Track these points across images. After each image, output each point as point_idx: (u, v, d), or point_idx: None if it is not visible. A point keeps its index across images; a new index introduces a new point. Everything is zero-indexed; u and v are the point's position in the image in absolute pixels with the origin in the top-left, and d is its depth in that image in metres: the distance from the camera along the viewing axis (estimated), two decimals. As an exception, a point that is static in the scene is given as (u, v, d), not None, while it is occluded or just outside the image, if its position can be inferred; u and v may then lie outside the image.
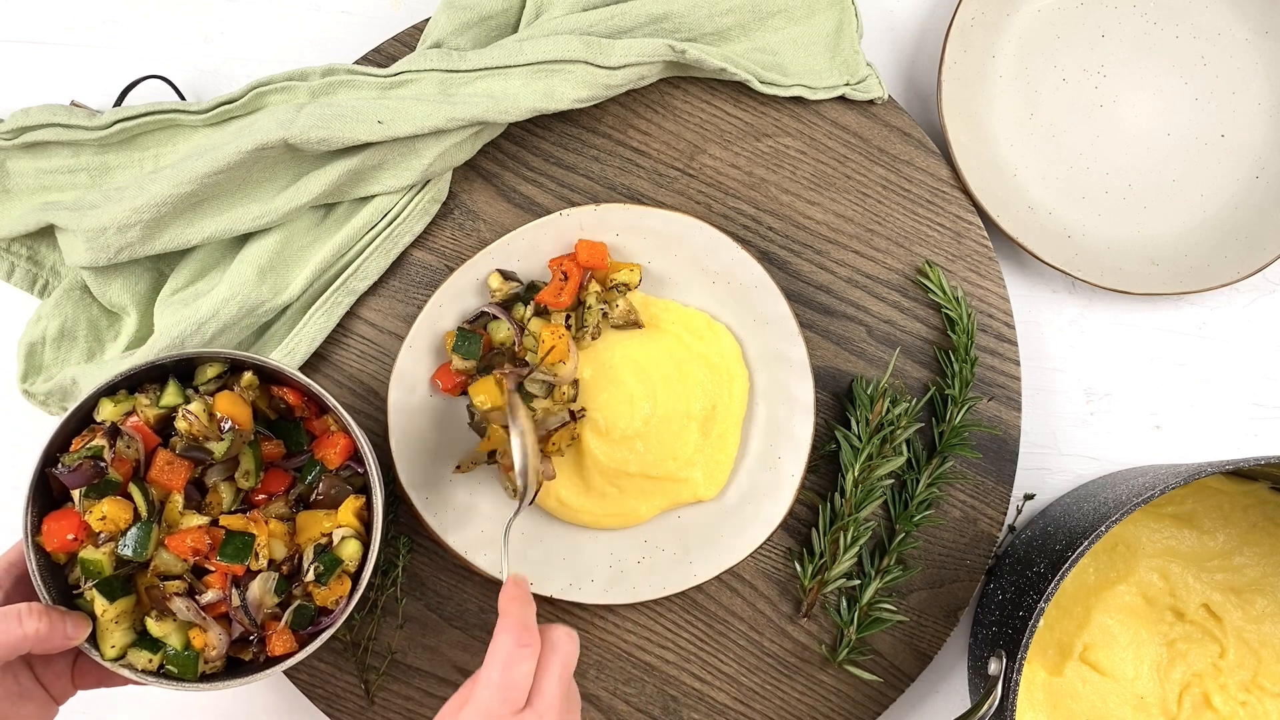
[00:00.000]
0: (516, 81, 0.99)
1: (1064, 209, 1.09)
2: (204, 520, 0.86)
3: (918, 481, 1.03)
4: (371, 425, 1.04)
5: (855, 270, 1.06)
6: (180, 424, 0.86)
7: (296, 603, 0.88)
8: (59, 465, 0.83)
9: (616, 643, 1.04)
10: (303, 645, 0.87)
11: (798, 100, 1.05)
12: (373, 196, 1.01)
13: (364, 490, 0.92)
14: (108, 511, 0.82)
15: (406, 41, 1.04)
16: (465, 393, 1.01)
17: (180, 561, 0.85)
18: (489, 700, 0.76)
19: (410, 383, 1.00)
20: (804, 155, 1.05)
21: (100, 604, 0.83)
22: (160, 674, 0.85)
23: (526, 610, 0.81)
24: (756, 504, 1.02)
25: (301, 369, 1.03)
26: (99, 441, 0.84)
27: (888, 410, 1.02)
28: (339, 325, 1.03)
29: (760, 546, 1.03)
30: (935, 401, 1.05)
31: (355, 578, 0.89)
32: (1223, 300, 1.11)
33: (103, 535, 0.83)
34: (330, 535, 0.89)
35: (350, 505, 0.90)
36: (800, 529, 1.05)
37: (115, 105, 1.04)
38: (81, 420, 0.86)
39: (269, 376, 0.92)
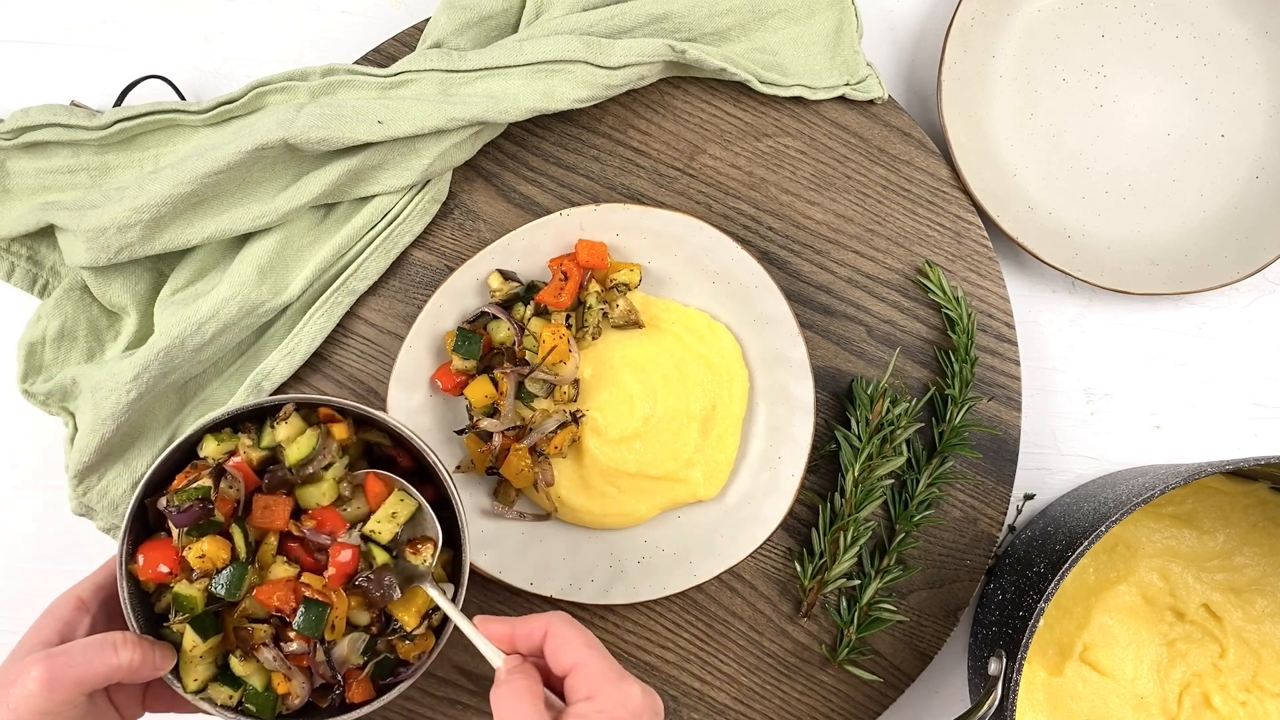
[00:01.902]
0: (516, 81, 0.99)
1: (1064, 209, 1.09)
2: (293, 572, 0.86)
3: (918, 481, 1.03)
4: (371, 425, 1.04)
5: (855, 270, 1.06)
6: (291, 452, 0.87)
7: (380, 656, 0.88)
8: (168, 503, 0.83)
9: (616, 643, 1.04)
10: (380, 693, 0.87)
11: (798, 100, 1.05)
12: (373, 196, 1.01)
13: (451, 542, 0.91)
14: (207, 550, 0.83)
15: (406, 41, 1.04)
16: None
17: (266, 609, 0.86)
18: None
19: (410, 383, 1.00)
20: (804, 155, 1.05)
21: (191, 639, 0.84)
22: (239, 710, 0.85)
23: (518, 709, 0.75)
24: (756, 504, 1.02)
25: (302, 369, 1.03)
26: (205, 482, 0.84)
27: (888, 410, 1.02)
28: (339, 325, 1.03)
29: (760, 546, 1.03)
30: (935, 401, 1.05)
31: (439, 631, 0.89)
32: (1223, 300, 1.11)
33: (198, 572, 0.84)
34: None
35: (440, 559, 0.90)
36: (800, 529, 1.05)
37: (115, 105, 1.04)
38: (184, 455, 0.86)
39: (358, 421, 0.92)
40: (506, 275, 1.01)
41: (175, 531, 0.84)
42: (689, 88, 1.05)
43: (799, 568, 1.04)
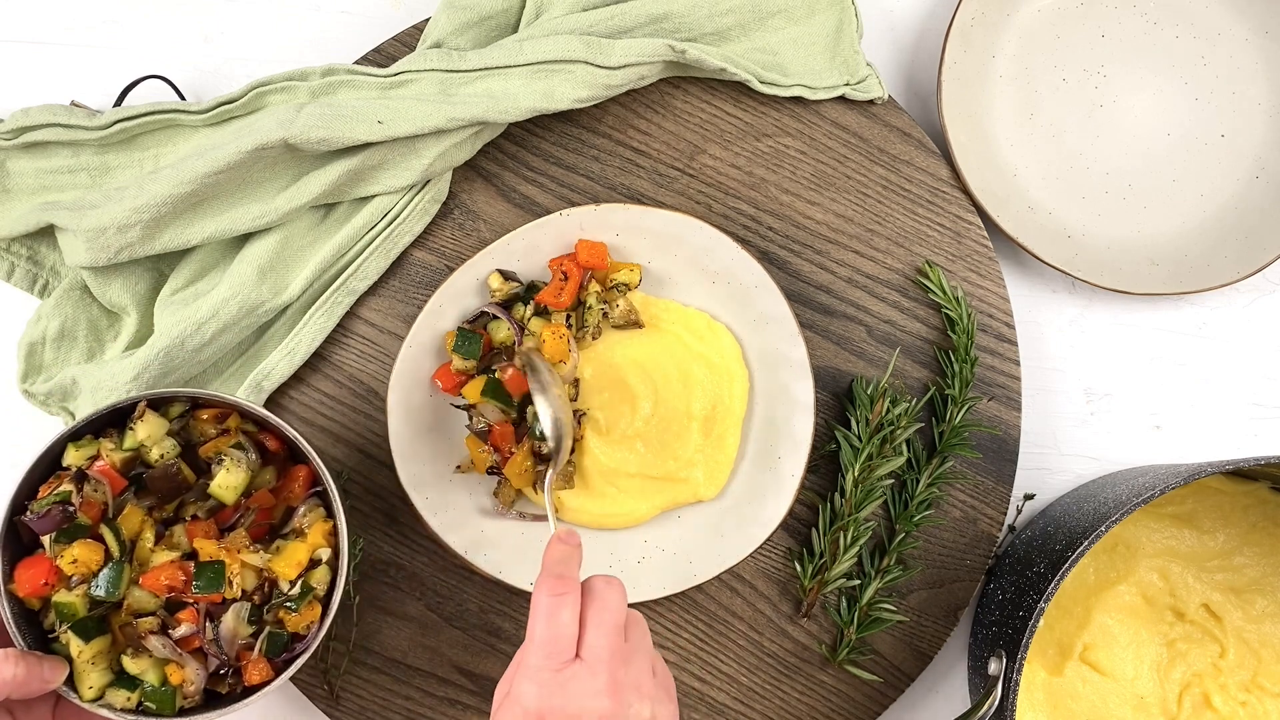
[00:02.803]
0: (516, 81, 0.99)
1: (1064, 209, 1.09)
2: (175, 555, 0.87)
3: (918, 481, 1.03)
4: (371, 425, 1.04)
5: (855, 270, 1.06)
6: (153, 454, 0.88)
7: (268, 629, 0.88)
8: (27, 513, 0.84)
9: (616, 643, 1.04)
10: (278, 673, 0.88)
11: (798, 100, 1.05)
12: (373, 196, 1.01)
13: (331, 515, 0.93)
14: (78, 555, 0.84)
15: (406, 41, 1.04)
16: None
17: (153, 598, 0.86)
18: (536, 656, 0.74)
19: (410, 383, 1.00)
20: (804, 155, 1.05)
21: (76, 645, 0.84)
22: (139, 711, 0.86)
23: (565, 562, 0.79)
24: (756, 504, 1.02)
25: (301, 369, 1.03)
26: (66, 487, 0.85)
27: (888, 410, 1.02)
28: (339, 325, 1.03)
29: (760, 546, 1.03)
30: (935, 401, 1.05)
31: (325, 603, 0.90)
32: (1223, 300, 1.11)
33: (75, 578, 0.84)
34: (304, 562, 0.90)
35: (320, 529, 0.91)
36: (800, 529, 1.05)
37: (115, 105, 1.04)
38: (48, 467, 0.87)
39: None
40: (506, 275, 1.01)
41: (46, 542, 0.84)
42: (689, 88, 1.05)
43: (799, 568, 1.04)
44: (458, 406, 1.03)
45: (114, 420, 0.90)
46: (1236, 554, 1.04)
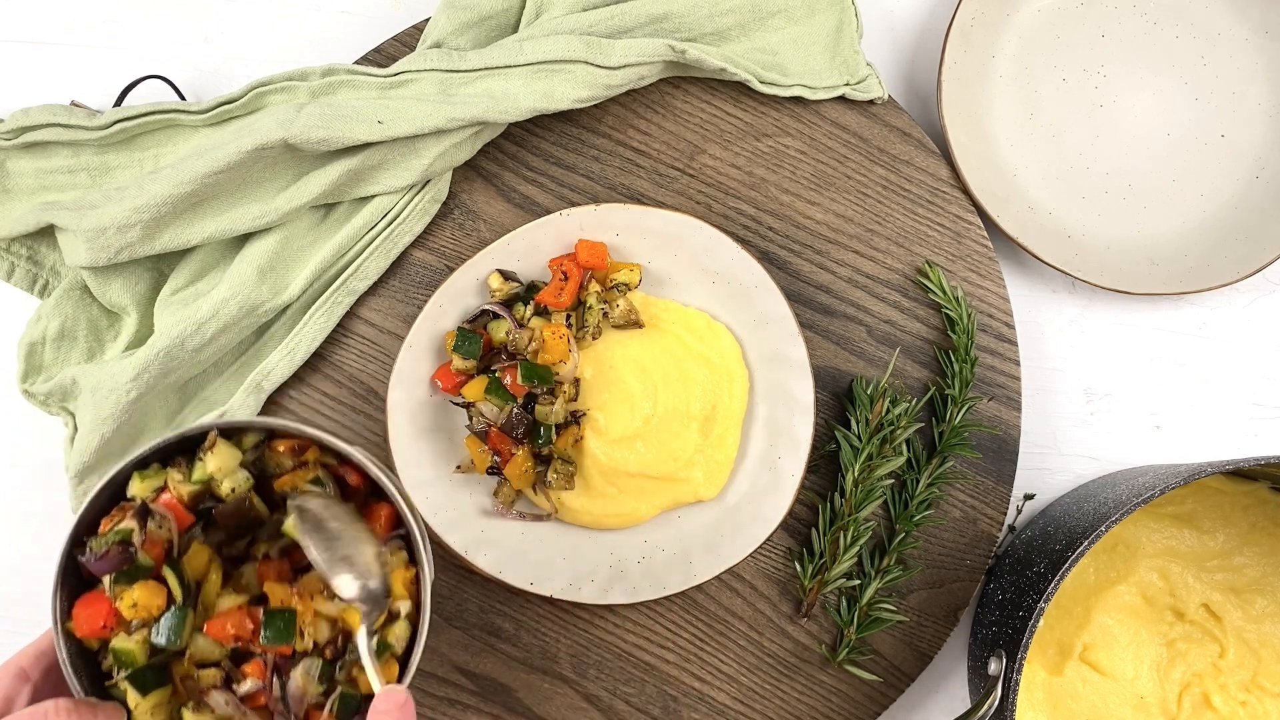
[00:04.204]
0: (516, 81, 0.99)
1: (1064, 209, 1.09)
2: (243, 599, 0.80)
3: (918, 481, 1.03)
4: (371, 425, 1.04)
5: (855, 270, 1.06)
6: (225, 487, 0.81)
7: (340, 690, 0.80)
8: (86, 550, 0.77)
9: (616, 643, 1.04)
10: None
11: (798, 100, 1.05)
12: (373, 196, 1.01)
13: (414, 562, 0.84)
14: (139, 598, 0.76)
15: (406, 41, 1.04)
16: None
17: (218, 647, 0.79)
18: None
19: (410, 383, 1.00)
20: (804, 155, 1.05)
21: (133, 697, 0.77)
22: None
23: None
24: (756, 504, 1.02)
25: (301, 369, 1.03)
26: (128, 524, 0.77)
27: (888, 410, 1.02)
28: (339, 325, 1.03)
29: (760, 546, 1.03)
30: (935, 401, 1.05)
31: (404, 661, 0.81)
32: (1223, 300, 1.11)
33: (135, 622, 0.77)
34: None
35: (400, 577, 0.82)
36: (800, 529, 1.05)
37: (115, 105, 1.04)
38: (112, 496, 0.79)
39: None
40: (506, 275, 1.01)
41: (105, 581, 0.77)
42: (689, 88, 1.05)
43: (799, 568, 1.04)
44: (458, 405, 1.03)
45: (183, 448, 0.82)
46: (1236, 554, 1.04)
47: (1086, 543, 0.87)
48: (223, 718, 0.79)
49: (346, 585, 0.79)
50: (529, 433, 0.99)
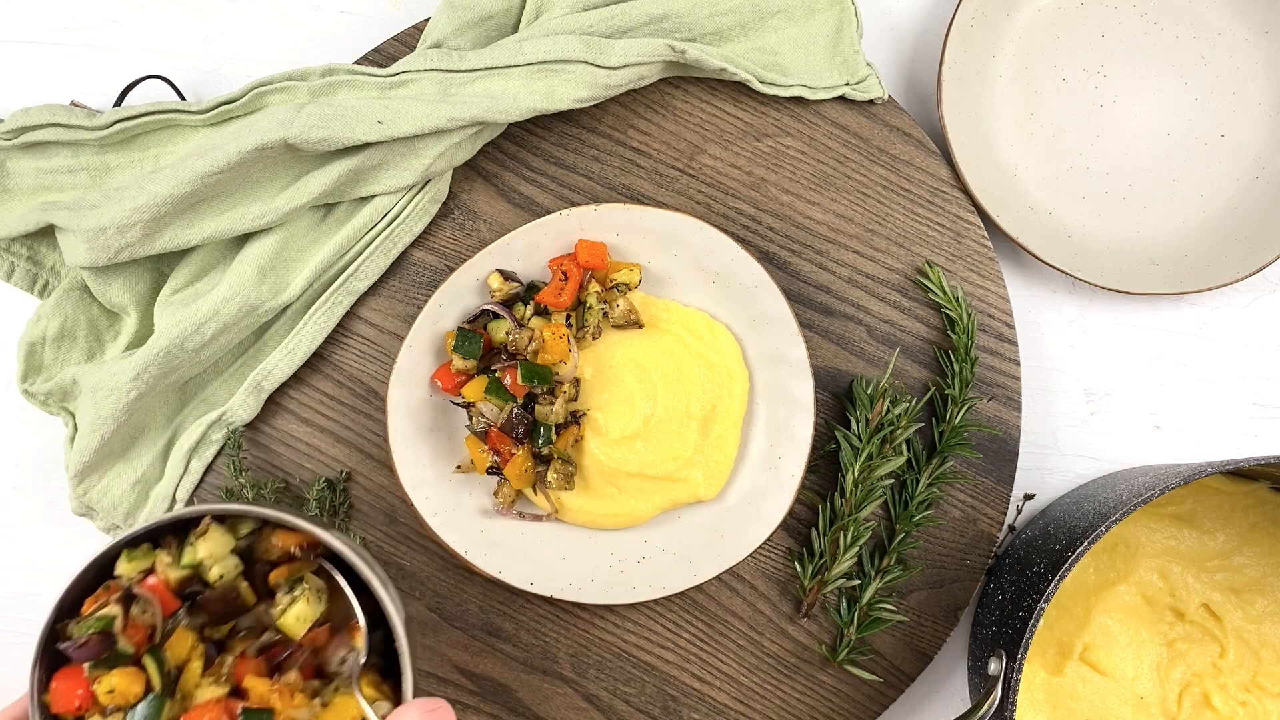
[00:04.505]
0: (516, 81, 0.99)
1: (1064, 209, 1.09)
2: (222, 691, 0.78)
3: (918, 481, 1.03)
4: (371, 425, 1.04)
5: (855, 270, 1.06)
6: (213, 574, 0.80)
7: None
8: (67, 634, 0.76)
9: (616, 643, 1.04)
10: None
11: (798, 100, 1.05)
12: (373, 196, 1.01)
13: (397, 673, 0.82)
14: (117, 684, 0.76)
15: (406, 41, 1.04)
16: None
17: None
18: None
19: (410, 383, 1.00)
20: (804, 155, 1.05)
21: None
22: None
23: None
24: (756, 504, 1.02)
25: (301, 369, 1.03)
26: (111, 610, 0.76)
27: (888, 410, 1.02)
28: (339, 325, 1.03)
29: (760, 546, 1.03)
30: (935, 401, 1.05)
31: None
32: (1223, 300, 1.11)
33: (110, 707, 0.76)
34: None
35: (366, 677, 0.82)
36: (800, 529, 1.05)
37: (115, 105, 1.04)
38: (98, 573, 0.79)
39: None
40: (506, 275, 1.01)
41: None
42: (689, 88, 1.05)
43: (799, 568, 1.04)
44: (458, 405, 1.03)
45: (175, 528, 0.81)
46: (1236, 554, 1.04)
47: (1086, 543, 0.86)
48: None
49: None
50: (529, 433, 0.99)
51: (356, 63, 1.04)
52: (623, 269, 1.02)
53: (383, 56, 1.04)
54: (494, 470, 1.01)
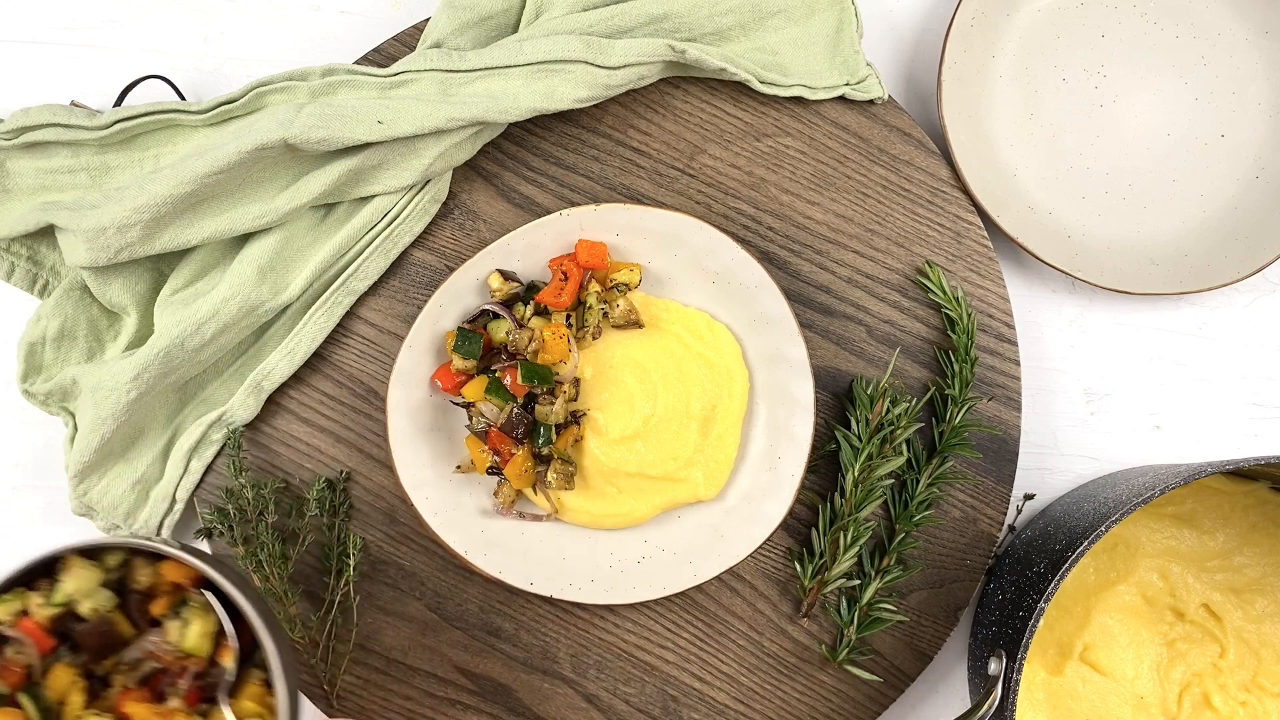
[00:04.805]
0: (516, 81, 0.99)
1: (1064, 209, 1.09)
2: None
3: (918, 481, 1.03)
4: (371, 425, 1.04)
5: (855, 270, 1.06)
6: (85, 608, 0.81)
7: None
8: None
9: (616, 643, 1.04)
10: None
11: (798, 100, 1.05)
12: (373, 196, 1.01)
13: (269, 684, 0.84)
14: None
15: (406, 41, 1.04)
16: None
17: None
18: None
19: (410, 383, 1.00)
20: (804, 155, 1.05)
21: None
22: None
23: None
24: (756, 504, 1.02)
25: (301, 369, 1.03)
26: None
27: (888, 410, 1.02)
28: (339, 325, 1.03)
29: (760, 546, 1.03)
30: (935, 401, 1.05)
31: None
32: (1223, 300, 1.11)
33: None
34: None
35: (249, 692, 0.83)
36: (800, 529, 1.05)
37: (115, 105, 1.04)
38: None
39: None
40: (506, 275, 1.01)
41: None
42: (689, 88, 1.05)
43: (799, 568, 1.04)
44: (458, 405, 1.03)
45: (47, 568, 0.82)
46: (1236, 554, 1.04)
47: (1086, 543, 0.86)
48: None
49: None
50: (529, 433, 0.99)
51: (356, 63, 1.04)
52: (623, 269, 1.02)
53: (383, 56, 1.04)
54: (494, 470, 1.01)
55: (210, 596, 0.83)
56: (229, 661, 0.83)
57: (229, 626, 0.83)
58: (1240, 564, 1.04)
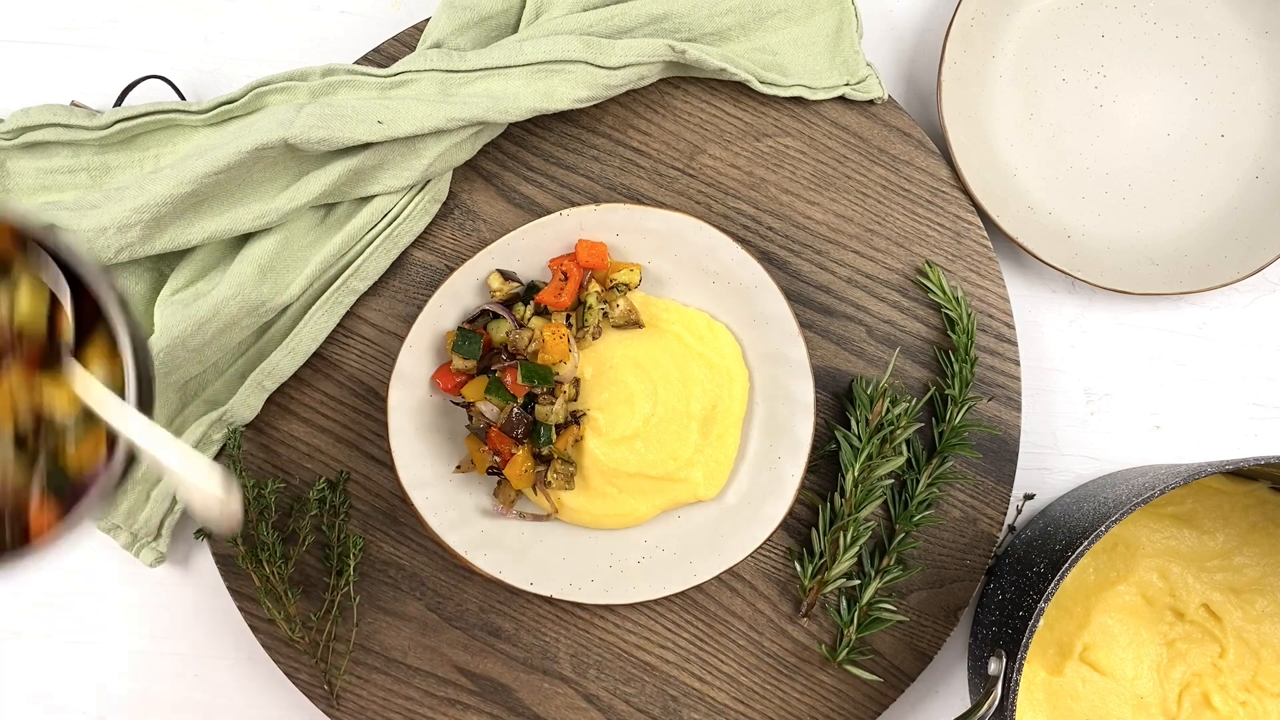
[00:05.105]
0: (516, 81, 0.99)
1: (1064, 209, 1.09)
2: None
3: (918, 481, 1.03)
4: (371, 425, 1.04)
5: (855, 270, 1.06)
6: None
7: (45, 468, 0.73)
8: None
9: (616, 643, 1.04)
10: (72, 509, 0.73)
11: (798, 100, 1.05)
12: (373, 196, 1.01)
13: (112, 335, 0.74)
14: None
15: (406, 41, 1.04)
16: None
17: None
18: None
19: (410, 383, 1.00)
20: (804, 155, 1.05)
21: None
22: None
23: None
24: (756, 504, 1.02)
25: (302, 369, 1.03)
26: None
27: (888, 410, 1.02)
28: (339, 325, 1.03)
29: (760, 546, 1.03)
30: (935, 401, 1.05)
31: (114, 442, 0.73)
32: (1223, 300, 1.11)
33: None
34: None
35: (97, 349, 0.74)
36: (800, 529, 1.05)
37: (115, 105, 1.04)
38: None
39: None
40: (506, 275, 1.01)
41: None
42: (689, 88, 1.05)
43: (799, 568, 1.04)
44: (458, 405, 1.03)
45: None
46: (1236, 554, 1.04)
47: (1086, 543, 0.87)
48: None
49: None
50: (529, 433, 0.99)
51: (356, 63, 1.04)
52: (623, 269, 1.02)
53: (383, 56, 1.04)
54: (494, 470, 1.01)
55: (43, 255, 0.74)
56: (67, 331, 0.75)
57: (63, 286, 0.75)
58: (1240, 564, 1.04)
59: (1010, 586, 0.97)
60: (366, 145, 0.98)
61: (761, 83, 1.03)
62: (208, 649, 1.07)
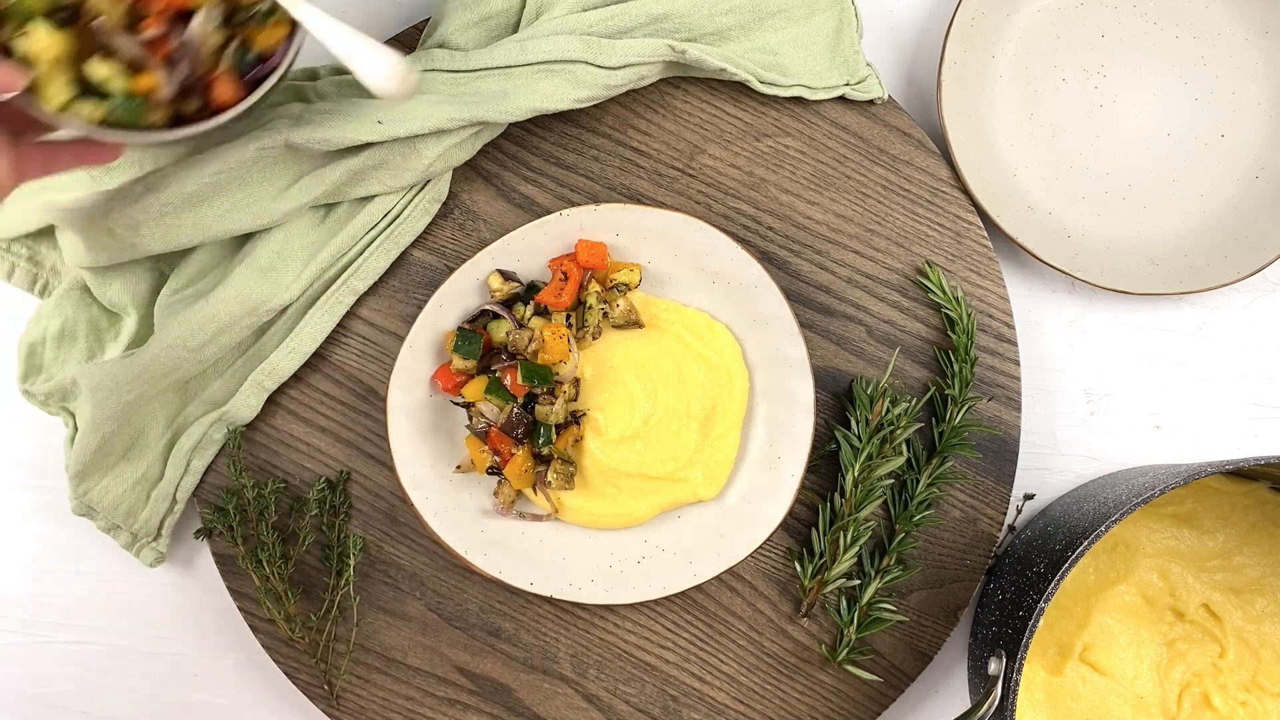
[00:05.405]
0: (517, 81, 0.99)
1: (1064, 209, 1.09)
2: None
3: (918, 481, 1.03)
4: (371, 425, 1.04)
5: (855, 270, 1.06)
6: None
7: (238, 39, 0.83)
8: None
9: (616, 643, 1.04)
10: (250, 91, 0.84)
11: (798, 100, 1.05)
12: (373, 196, 1.01)
13: None
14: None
15: (406, 41, 1.04)
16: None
17: (115, 2, 0.79)
18: None
19: (410, 383, 1.00)
20: (804, 155, 1.05)
21: (39, 40, 0.76)
22: (108, 124, 0.80)
23: None
24: (756, 504, 1.02)
25: (301, 369, 1.03)
26: None
27: (888, 410, 1.02)
28: (339, 325, 1.03)
29: (760, 546, 1.03)
30: (935, 401, 1.05)
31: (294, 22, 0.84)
32: (1223, 300, 1.11)
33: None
34: None
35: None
36: (800, 529, 1.05)
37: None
38: None
39: None
40: (506, 275, 1.01)
41: None
42: (689, 88, 1.05)
43: (799, 568, 1.04)
44: (458, 405, 1.03)
45: None
46: (1236, 554, 1.04)
47: (1086, 543, 0.87)
48: (131, 61, 0.80)
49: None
50: (529, 433, 0.99)
51: (356, 63, 1.04)
52: (623, 269, 1.02)
53: (383, 56, 1.04)
54: (494, 470, 1.01)
55: None
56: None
57: None
58: (1240, 564, 1.04)
59: (1010, 586, 0.97)
60: (366, 145, 0.98)
61: (761, 83, 1.03)
62: (208, 649, 1.08)
